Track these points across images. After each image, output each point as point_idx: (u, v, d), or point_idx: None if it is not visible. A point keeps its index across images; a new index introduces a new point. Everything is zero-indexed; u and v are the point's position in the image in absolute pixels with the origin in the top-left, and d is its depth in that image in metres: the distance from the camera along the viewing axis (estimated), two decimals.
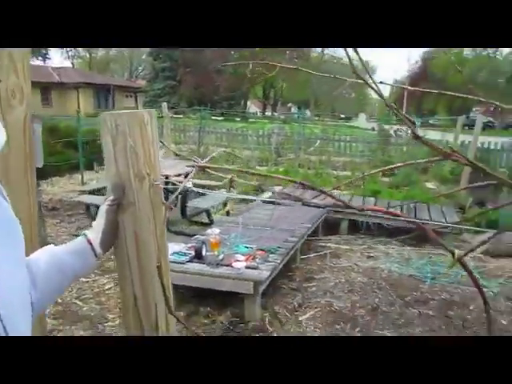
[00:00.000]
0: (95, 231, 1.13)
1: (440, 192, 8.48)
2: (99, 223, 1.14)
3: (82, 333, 3.43)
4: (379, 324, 3.64)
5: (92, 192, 6.65)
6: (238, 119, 28.77)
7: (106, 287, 4.26)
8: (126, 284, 1.23)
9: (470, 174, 8.39)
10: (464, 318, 3.80)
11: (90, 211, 6.26)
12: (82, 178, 8.74)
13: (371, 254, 5.41)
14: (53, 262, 1.03)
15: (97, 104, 31.69)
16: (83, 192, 6.72)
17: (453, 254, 1.19)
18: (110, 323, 3.62)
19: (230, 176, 1.07)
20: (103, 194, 7.16)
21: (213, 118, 17.84)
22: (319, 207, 1.19)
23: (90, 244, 1.11)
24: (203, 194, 6.79)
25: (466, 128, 14.00)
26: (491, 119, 34.99)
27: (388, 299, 4.11)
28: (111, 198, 1.14)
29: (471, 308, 4.02)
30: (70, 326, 3.49)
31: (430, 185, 9.55)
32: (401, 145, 12.41)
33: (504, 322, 3.80)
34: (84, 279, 4.32)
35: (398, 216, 1.12)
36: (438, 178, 9.82)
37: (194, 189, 1.11)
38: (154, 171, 1.16)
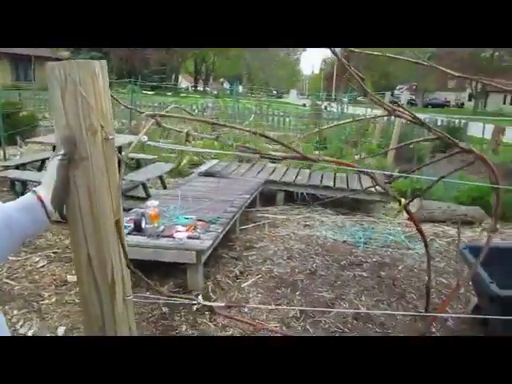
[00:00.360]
0: (46, 188, 1.08)
1: (370, 165, 8.89)
2: (50, 179, 1.09)
3: (16, 312, 3.28)
4: (318, 286, 3.82)
5: (17, 167, 6.23)
6: (170, 93, 28.00)
7: (39, 265, 4.07)
8: (79, 242, 1.20)
9: (397, 148, 8.91)
10: (394, 278, 4.08)
11: (16, 188, 5.88)
12: (4, 153, 8.14)
13: (307, 223, 5.60)
14: None
15: (15, 76, 29.40)
16: (7, 167, 6.28)
17: (399, 201, 1.29)
18: (46, 301, 3.48)
19: (185, 130, 1.06)
20: (29, 170, 6.74)
21: (143, 91, 17.21)
22: (277, 159, 1.21)
23: (41, 201, 1.06)
24: (138, 167, 6.61)
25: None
26: (413, 97, 36.95)
27: (325, 264, 4.31)
28: (62, 152, 1.09)
29: (400, 268, 4.32)
30: (2, 306, 3.30)
31: (359, 158, 9.96)
32: (332, 119, 12.78)
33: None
34: (14, 258, 4.09)
35: (353, 167, 1.18)
36: (367, 151, 10.28)
37: (150, 143, 1.09)
38: (106, 124, 1.12)
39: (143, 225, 3.82)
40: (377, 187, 6.27)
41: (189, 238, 3.67)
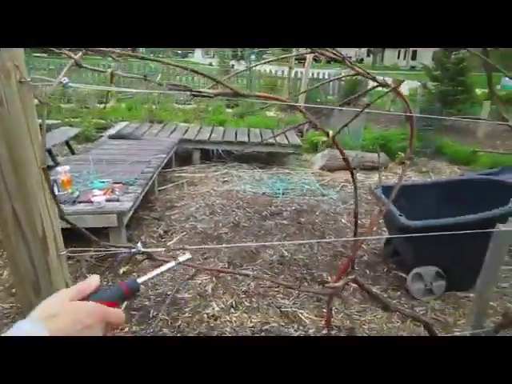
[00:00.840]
0: None
1: (281, 119, 9.08)
2: None
3: None
4: (242, 238, 3.91)
5: None
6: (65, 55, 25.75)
7: None
8: (2, 197, 1.11)
9: (305, 102, 9.19)
10: (313, 222, 4.31)
11: None
12: None
13: (226, 179, 5.65)
14: None
15: None
16: None
17: (327, 134, 1.34)
18: None
19: (109, 70, 1.01)
20: None
21: (35, 54, 15.69)
22: (209, 96, 1.18)
23: None
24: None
25: (296, 62, 15.00)
26: (317, 54, 37.73)
27: (247, 216, 4.41)
28: None
29: (317, 213, 4.56)
30: None
31: (271, 113, 10.12)
32: (241, 77, 12.71)
33: (343, 221, 4.42)
34: None
35: (283, 101, 1.21)
36: (277, 107, 10.45)
37: (72, 84, 1.01)
38: (21, 64, 1.03)
39: (56, 192, 3.59)
40: (290, 140, 6.46)
41: (107, 201, 3.53)
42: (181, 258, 0.91)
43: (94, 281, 0.74)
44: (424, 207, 3.36)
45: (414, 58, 44.27)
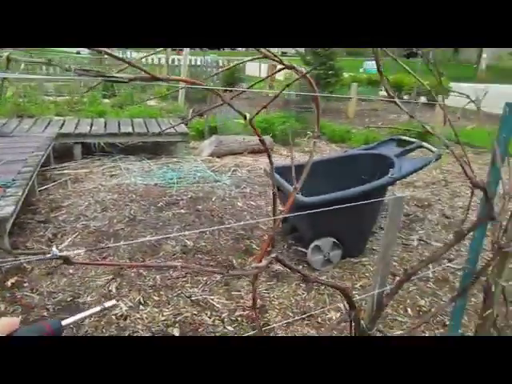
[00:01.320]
0: None
1: (162, 108, 8.86)
2: None
3: None
4: (140, 232, 3.78)
5: None
6: None
7: None
8: None
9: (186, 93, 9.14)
10: (211, 209, 4.32)
11: None
12: None
13: (113, 173, 5.37)
14: None
15: None
16: None
17: (245, 116, 1.35)
18: None
19: (6, 53, 0.89)
20: None
21: None
22: (123, 82, 1.09)
23: None
24: None
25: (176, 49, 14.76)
26: None
27: (142, 209, 4.26)
28: None
29: (214, 200, 4.58)
30: None
31: (151, 102, 9.81)
32: (113, 65, 12.07)
33: (239, 204, 4.50)
34: None
35: (200, 84, 1.18)
36: (157, 94, 10.18)
37: None
38: None
39: None
40: (177, 128, 6.35)
41: None
42: (107, 304, 0.93)
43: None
44: (317, 183, 3.57)
45: None
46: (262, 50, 1.31)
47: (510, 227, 2.03)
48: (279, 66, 1.33)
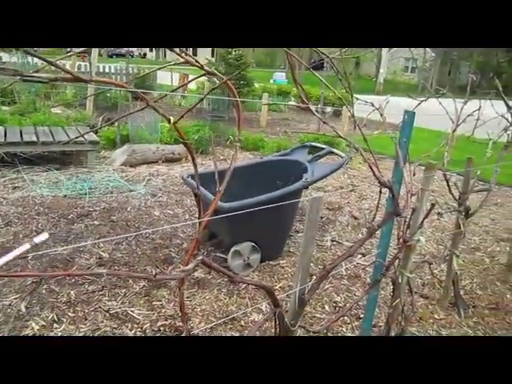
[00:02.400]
0: None
1: (68, 116, 8.42)
2: None
3: None
4: (51, 246, 3.55)
5: None
6: None
7: None
8: None
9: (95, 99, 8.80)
10: (126, 219, 4.19)
11: None
12: None
13: (16, 185, 4.98)
14: None
15: None
16: None
17: (169, 120, 1.35)
18: None
19: None
20: None
21: None
22: (43, 82, 1.02)
23: None
24: None
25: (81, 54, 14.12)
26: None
27: (51, 222, 4.01)
28: None
29: (129, 209, 4.45)
30: None
31: (56, 110, 9.27)
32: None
33: (156, 213, 4.42)
34: None
35: (124, 87, 1.16)
36: (63, 102, 9.66)
37: None
38: None
39: None
40: (86, 137, 6.08)
41: None
42: (37, 239, 0.81)
43: None
44: (234, 189, 3.63)
45: (194, 53, 46.22)
46: (183, 55, 1.33)
47: (413, 223, 2.24)
48: (191, 76, 1.36)
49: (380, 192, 1.81)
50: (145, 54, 50.84)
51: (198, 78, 1.56)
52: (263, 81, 17.00)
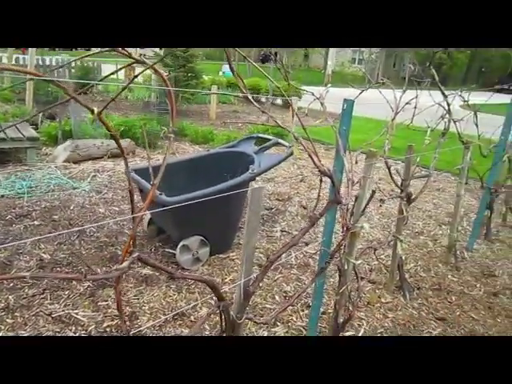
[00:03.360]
0: None
1: (6, 111, 7.97)
2: None
3: None
4: None
5: None
6: None
7: None
8: None
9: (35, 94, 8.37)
10: (69, 218, 4.02)
11: None
12: None
13: None
14: None
15: None
16: None
17: (92, 111, 1.28)
18: None
19: None
20: None
21: None
22: None
23: None
24: None
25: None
26: None
27: None
28: None
29: (72, 208, 4.27)
30: None
31: None
32: None
33: (101, 211, 4.27)
34: None
35: (36, 75, 1.08)
36: (1, 99, 9.15)
37: None
38: None
39: None
40: (25, 133, 5.77)
41: None
42: None
43: None
44: (181, 182, 3.57)
45: None
46: (126, 50, 1.26)
47: (356, 210, 2.28)
48: (138, 69, 1.30)
49: (320, 181, 1.81)
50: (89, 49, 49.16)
51: (127, 66, 1.49)
52: (213, 73, 16.84)
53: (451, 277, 3.71)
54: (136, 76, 1.53)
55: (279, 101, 13.61)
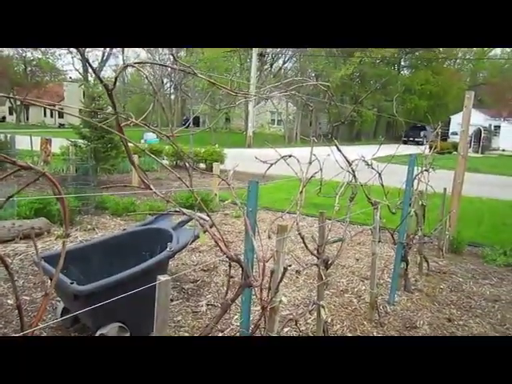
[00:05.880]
0: None
1: None
2: None
3: None
4: None
5: None
6: None
7: None
8: None
9: None
10: None
11: None
12: None
13: None
14: None
15: None
16: None
17: None
18: None
19: None
20: None
21: None
22: None
23: None
24: None
25: None
26: None
27: None
28: None
29: None
30: None
31: None
32: None
33: (10, 302, 3.93)
34: None
35: None
36: None
37: None
38: None
39: None
40: None
41: None
42: None
43: None
44: (97, 266, 3.40)
45: (61, 116, 44.21)
46: (10, 158, 1.22)
47: (273, 287, 2.28)
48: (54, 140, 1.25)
49: (229, 266, 1.81)
50: (4, 118, 47.29)
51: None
52: (134, 140, 16.78)
53: (376, 333, 3.79)
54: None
55: (202, 165, 13.78)
